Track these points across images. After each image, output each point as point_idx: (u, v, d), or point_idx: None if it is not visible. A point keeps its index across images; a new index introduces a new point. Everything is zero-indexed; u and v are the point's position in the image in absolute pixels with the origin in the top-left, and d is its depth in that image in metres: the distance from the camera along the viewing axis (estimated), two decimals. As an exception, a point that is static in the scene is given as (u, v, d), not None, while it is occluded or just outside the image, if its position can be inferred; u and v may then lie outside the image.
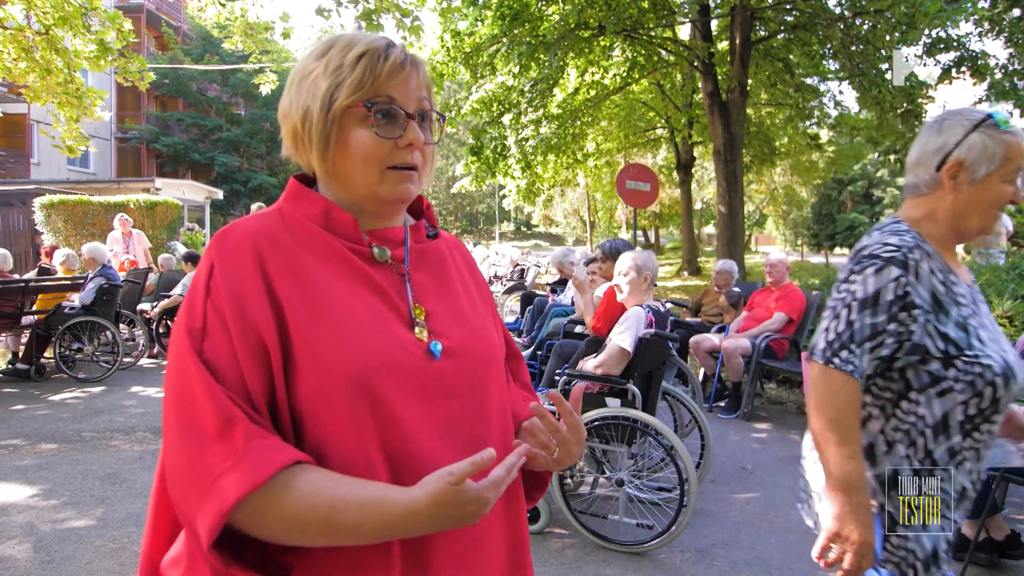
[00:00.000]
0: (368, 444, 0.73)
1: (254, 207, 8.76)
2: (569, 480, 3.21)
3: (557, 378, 3.19)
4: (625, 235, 27.54)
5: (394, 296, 0.82)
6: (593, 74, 12.39)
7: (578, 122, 12.69)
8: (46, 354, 6.19)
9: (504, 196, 16.89)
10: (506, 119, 11.00)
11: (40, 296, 6.51)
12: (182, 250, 10.52)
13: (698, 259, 17.99)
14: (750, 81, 11.50)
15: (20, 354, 6.30)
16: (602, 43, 11.23)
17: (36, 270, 8.08)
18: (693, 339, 5.29)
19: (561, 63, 10.54)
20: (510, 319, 7.77)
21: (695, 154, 17.34)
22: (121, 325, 6.84)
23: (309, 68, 0.81)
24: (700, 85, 11.26)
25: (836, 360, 1.19)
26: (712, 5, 11.32)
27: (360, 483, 0.70)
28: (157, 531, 0.77)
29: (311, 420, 0.74)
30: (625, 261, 3.20)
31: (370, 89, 0.78)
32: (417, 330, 0.81)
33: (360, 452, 0.73)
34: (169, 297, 7.26)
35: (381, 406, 0.74)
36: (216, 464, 0.67)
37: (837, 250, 29.76)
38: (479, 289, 0.97)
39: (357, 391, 0.73)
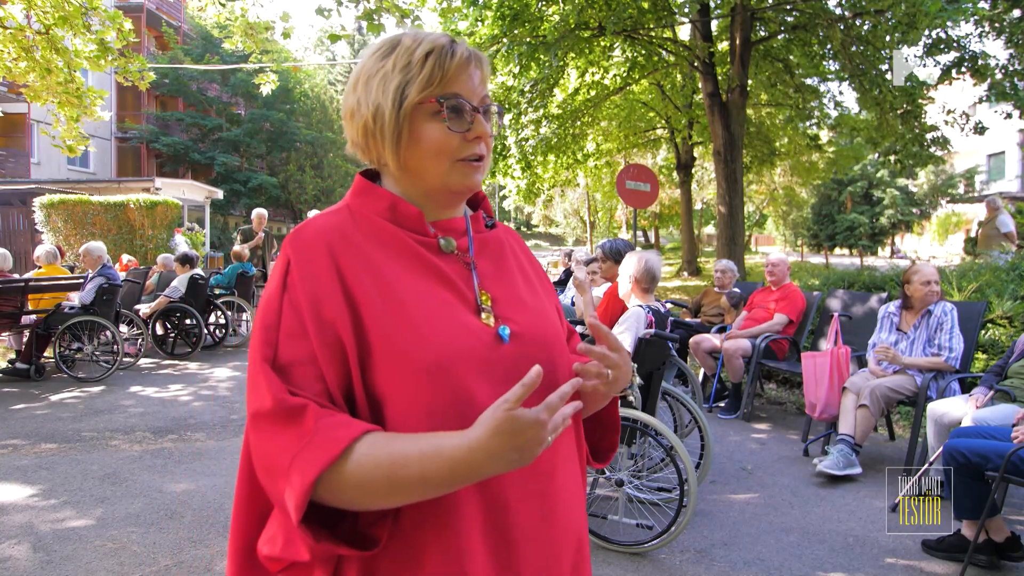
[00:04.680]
0: (446, 428, 0.76)
1: (310, 214, 8.73)
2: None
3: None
4: (625, 235, 27.54)
5: (461, 284, 0.86)
6: (593, 74, 12.38)
7: (578, 122, 12.68)
8: (46, 354, 6.19)
9: (504, 196, 16.89)
10: (506, 119, 11.00)
11: (37, 295, 6.49)
12: (182, 249, 10.50)
13: (698, 259, 17.96)
14: (750, 81, 11.47)
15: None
16: (602, 43, 11.22)
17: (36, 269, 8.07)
18: (693, 339, 5.29)
19: (561, 63, 10.53)
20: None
21: (695, 154, 17.31)
22: (121, 325, 6.83)
23: (376, 67, 0.84)
24: (700, 85, 11.25)
25: None
26: (712, 5, 11.29)
27: (417, 435, 0.73)
28: (249, 512, 0.80)
29: (390, 408, 0.77)
30: (630, 261, 3.20)
31: (439, 85, 0.82)
32: (484, 316, 0.85)
33: None
34: (157, 299, 7.17)
35: (457, 392, 0.77)
36: (291, 447, 0.71)
37: (837, 251, 29.75)
38: (538, 276, 1.00)
39: (434, 379, 0.76)
